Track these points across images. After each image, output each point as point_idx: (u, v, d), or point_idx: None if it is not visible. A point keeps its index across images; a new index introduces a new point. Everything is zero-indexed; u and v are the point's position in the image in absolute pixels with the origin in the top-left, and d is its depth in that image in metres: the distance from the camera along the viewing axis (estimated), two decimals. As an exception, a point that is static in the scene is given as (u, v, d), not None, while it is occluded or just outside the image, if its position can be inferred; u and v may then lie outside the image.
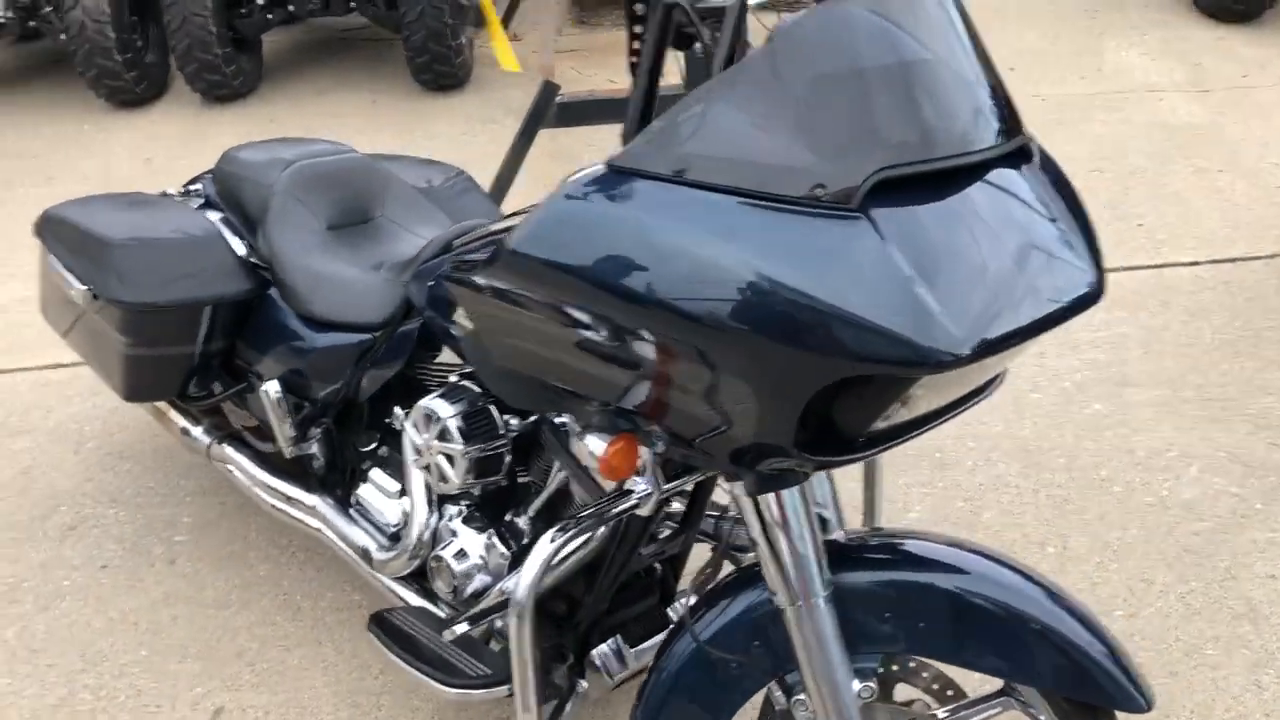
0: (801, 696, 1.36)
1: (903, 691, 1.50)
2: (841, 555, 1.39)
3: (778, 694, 1.43)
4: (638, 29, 1.44)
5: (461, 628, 1.54)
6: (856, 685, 1.33)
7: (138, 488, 2.64)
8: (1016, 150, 1.16)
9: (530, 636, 1.39)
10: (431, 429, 1.64)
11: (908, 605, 1.34)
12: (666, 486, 1.44)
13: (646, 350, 1.15)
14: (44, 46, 5.58)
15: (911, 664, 1.48)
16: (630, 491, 1.43)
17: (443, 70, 4.90)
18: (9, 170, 4.65)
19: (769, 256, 1.04)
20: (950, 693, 1.48)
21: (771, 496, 1.29)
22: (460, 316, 1.47)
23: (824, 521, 1.49)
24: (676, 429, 1.22)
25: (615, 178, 1.12)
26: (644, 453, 1.39)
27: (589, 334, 1.18)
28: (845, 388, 1.12)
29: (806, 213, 1.04)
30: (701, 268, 1.06)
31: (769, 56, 1.10)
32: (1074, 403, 2.67)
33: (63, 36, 4.86)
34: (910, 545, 1.41)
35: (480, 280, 1.28)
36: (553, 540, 1.40)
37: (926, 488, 2.44)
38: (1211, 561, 2.19)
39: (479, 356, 1.45)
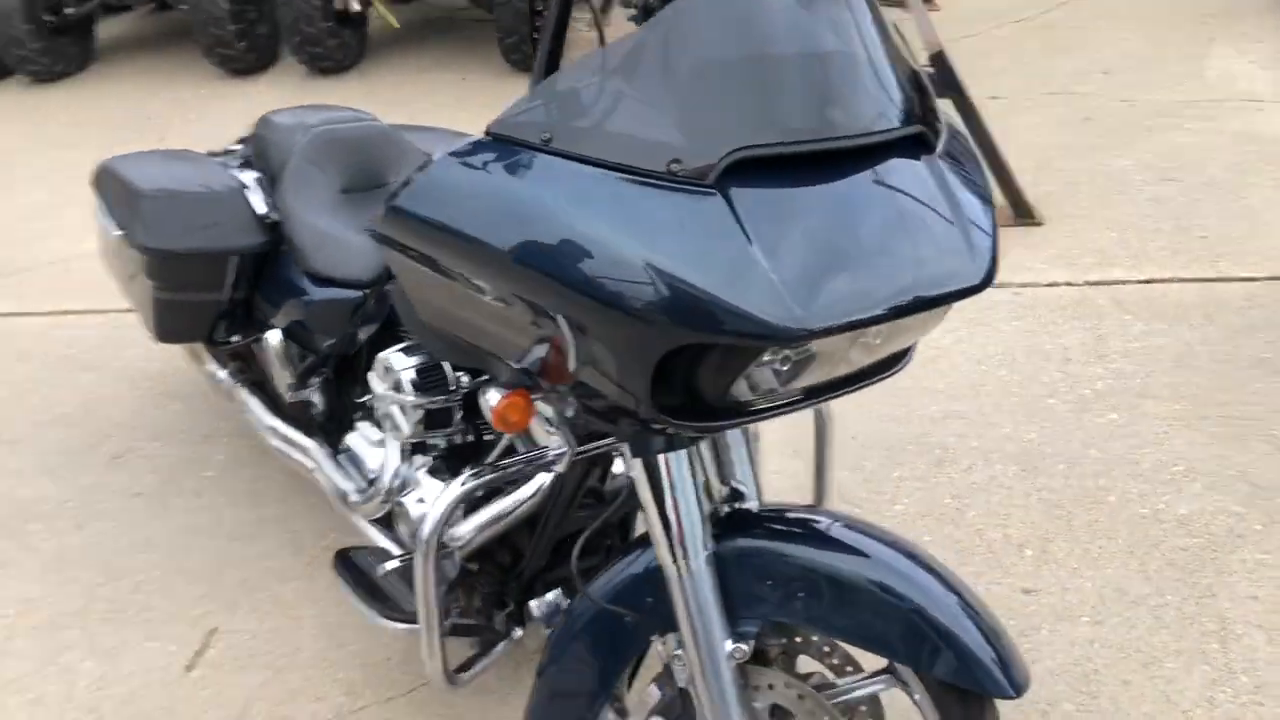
0: (679, 653, 1.42)
1: (806, 664, 1.55)
2: (741, 524, 1.44)
3: (661, 650, 1.49)
4: None
5: (391, 564, 1.65)
6: (730, 645, 1.38)
7: (181, 426, 2.84)
8: (916, 139, 1.19)
9: (433, 575, 1.48)
10: (388, 380, 1.75)
11: (790, 577, 1.38)
12: (581, 448, 1.51)
13: (523, 311, 1.22)
14: (172, 17, 5.94)
15: (815, 638, 1.52)
16: (545, 449, 1.51)
17: (530, 51, 5.05)
18: (131, 130, 4.99)
19: (619, 227, 1.10)
20: (849, 669, 1.52)
21: (660, 459, 1.35)
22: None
23: (738, 493, 1.54)
24: (560, 389, 1.29)
25: (492, 144, 1.20)
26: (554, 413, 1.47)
27: (474, 293, 1.27)
28: (703, 355, 1.18)
29: (663, 187, 1.09)
30: (557, 234, 1.12)
31: (646, 34, 1.16)
32: (1089, 411, 2.63)
33: (183, 7, 5.18)
34: (810, 522, 1.45)
35: (384, 233, 1.37)
36: (463, 484, 1.49)
37: (919, 482, 2.45)
38: (1194, 578, 2.14)
39: (405, 310, 1.55)
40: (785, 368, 1.21)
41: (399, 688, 2.03)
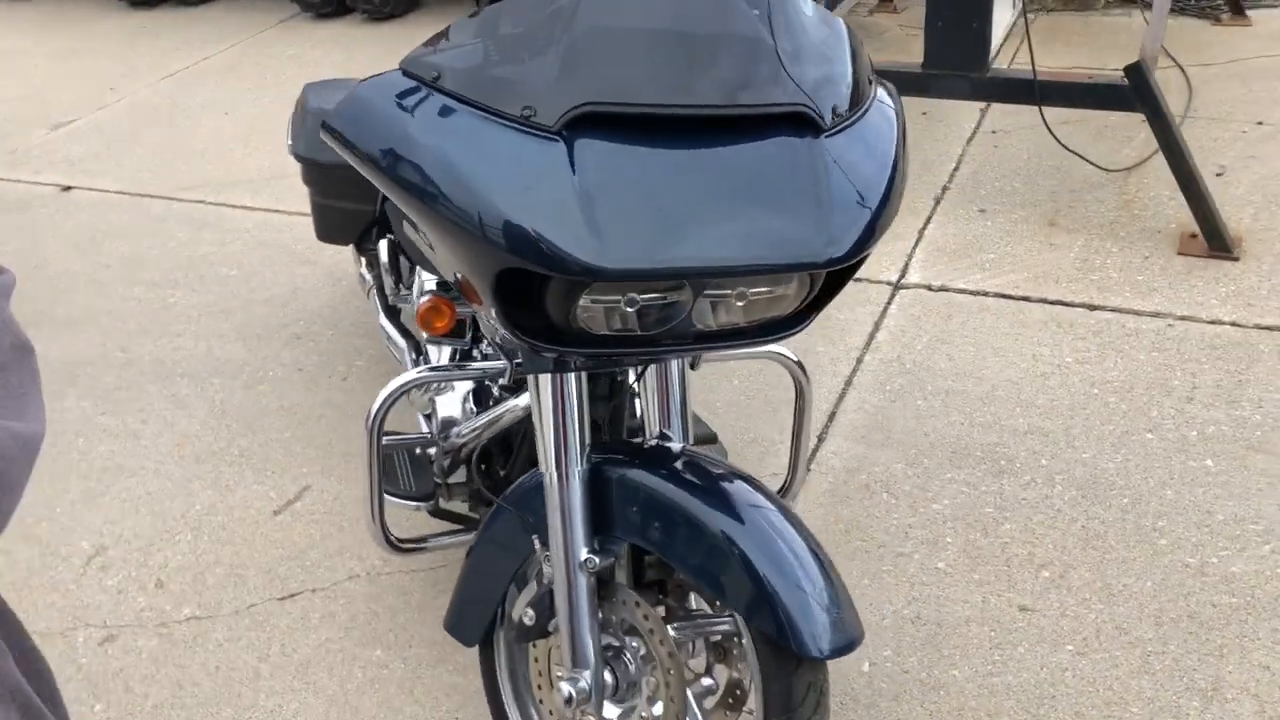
0: (548, 553, 1.59)
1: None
2: (635, 455, 1.59)
3: (538, 550, 1.67)
4: None
5: (391, 445, 1.93)
6: (585, 553, 1.53)
7: (354, 320, 3.28)
8: (798, 118, 1.30)
9: (375, 456, 1.73)
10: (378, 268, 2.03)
11: (653, 507, 1.51)
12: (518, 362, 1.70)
13: (423, 228, 1.43)
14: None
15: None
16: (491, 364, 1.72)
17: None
18: (293, 67, 5.60)
19: (472, 159, 1.27)
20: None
21: (545, 379, 1.53)
22: None
23: (665, 435, 1.68)
24: (474, 307, 1.49)
25: (400, 77, 1.41)
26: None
27: (395, 206, 1.49)
28: (546, 283, 1.34)
29: (515, 129, 1.27)
30: (425, 160, 1.31)
31: None
32: (1186, 452, 2.48)
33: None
34: (697, 467, 1.57)
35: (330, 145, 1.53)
36: (403, 380, 1.72)
37: (968, 487, 2.43)
38: (1209, 634, 2.03)
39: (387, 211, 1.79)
40: (632, 309, 1.35)
41: (422, 563, 2.33)
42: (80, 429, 2.89)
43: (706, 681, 1.62)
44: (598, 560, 1.54)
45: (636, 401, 1.82)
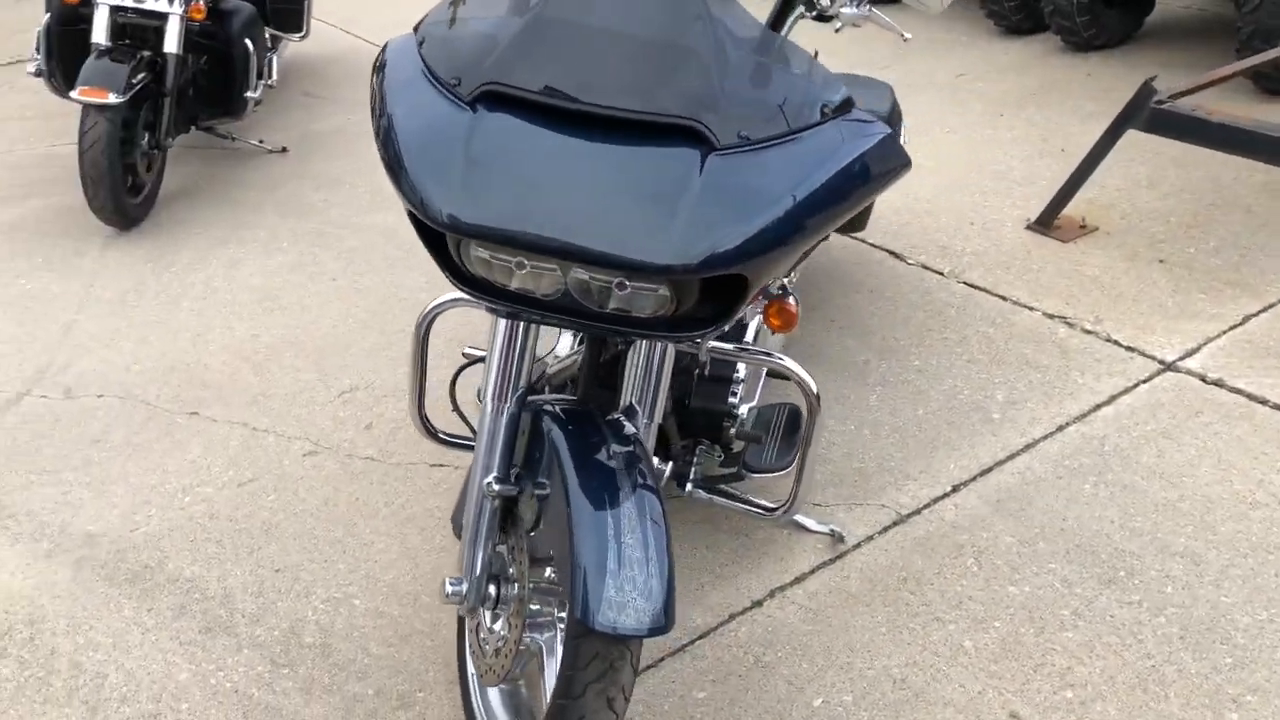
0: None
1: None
2: (571, 414, 1.74)
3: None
4: None
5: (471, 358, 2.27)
6: (489, 479, 1.73)
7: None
8: (691, 131, 1.42)
9: (419, 358, 2.08)
10: None
11: (547, 461, 1.67)
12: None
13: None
14: None
15: None
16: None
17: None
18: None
19: (411, 115, 1.49)
20: None
21: (497, 323, 1.75)
22: None
23: (632, 408, 1.84)
24: None
25: (410, 39, 1.64)
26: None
27: None
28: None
29: (443, 95, 1.49)
30: (388, 114, 1.51)
31: None
32: (1350, 639, 2.09)
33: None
34: (607, 438, 1.70)
35: None
36: (441, 299, 2.02)
37: (1062, 583, 2.26)
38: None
39: None
40: (522, 271, 1.51)
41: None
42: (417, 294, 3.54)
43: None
44: (497, 488, 1.74)
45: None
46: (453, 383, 2.20)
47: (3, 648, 2.21)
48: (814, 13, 1.93)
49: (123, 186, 3.85)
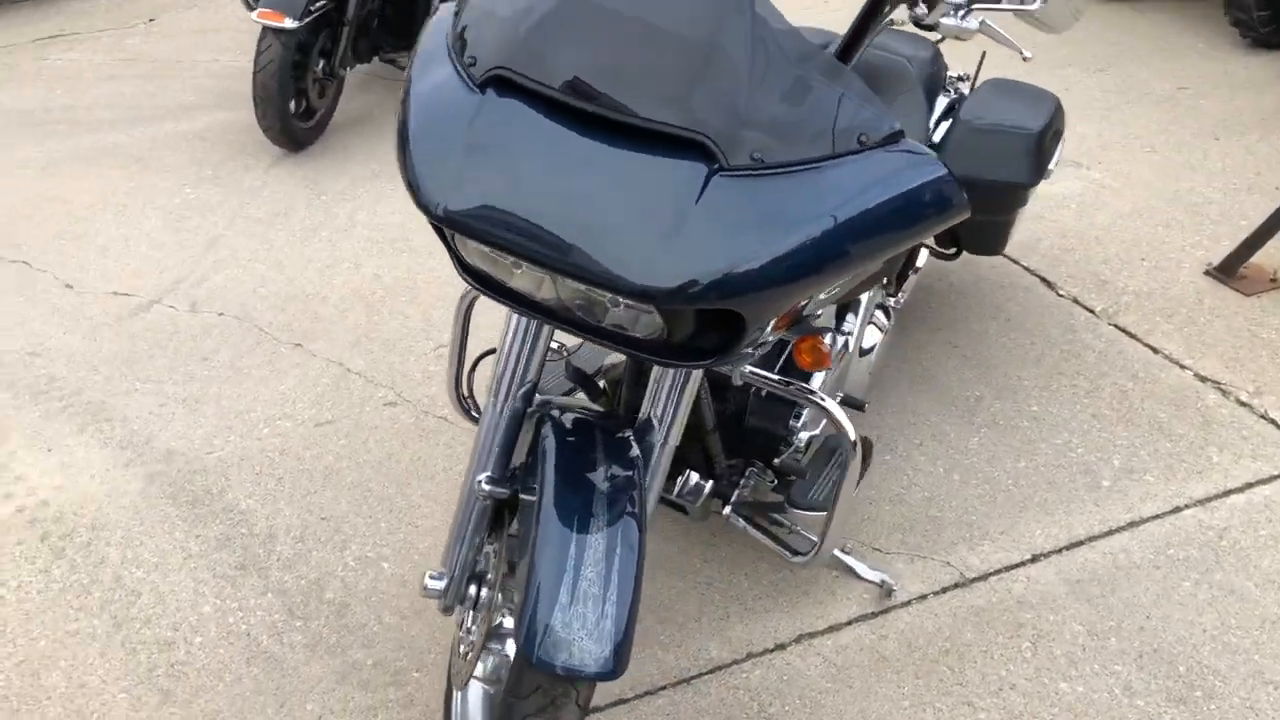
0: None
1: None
2: (579, 423, 1.67)
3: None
4: None
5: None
6: (480, 477, 1.65)
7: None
8: (700, 145, 1.29)
9: (460, 335, 2.03)
10: None
11: (537, 468, 1.61)
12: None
13: None
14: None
15: None
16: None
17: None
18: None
19: (427, 93, 1.40)
20: None
21: (509, 319, 1.67)
22: None
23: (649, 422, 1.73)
24: None
25: (448, 11, 1.54)
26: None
27: None
28: None
29: (458, 74, 1.39)
30: (408, 84, 1.44)
31: None
32: None
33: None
34: (600, 452, 1.61)
35: None
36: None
37: (1124, 690, 2.02)
38: None
39: None
40: (519, 272, 1.43)
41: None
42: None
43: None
44: (486, 488, 1.66)
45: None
46: (472, 369, 2.14)
47: (62, 548, 2.34)
48: (908, 19, 1.74)
49: (290, 110, 3.98)
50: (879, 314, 2.44)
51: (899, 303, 2.58)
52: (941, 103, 2.68)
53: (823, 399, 1.89)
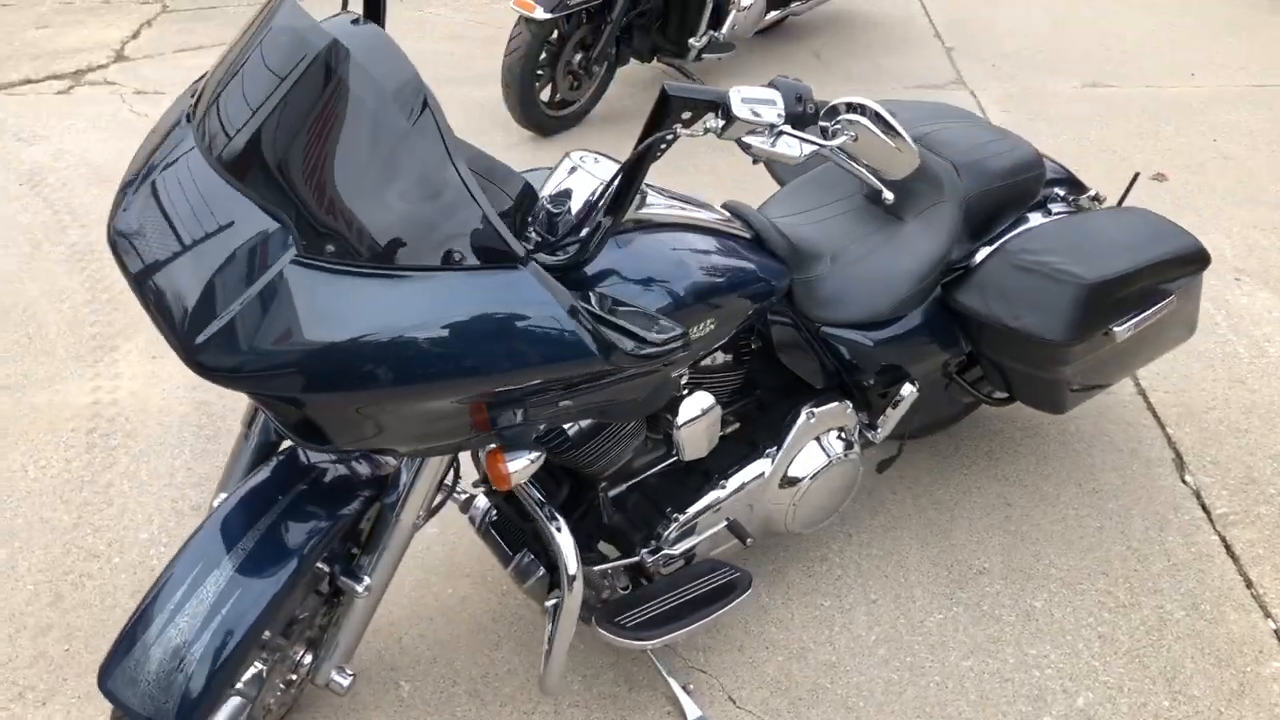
0: None
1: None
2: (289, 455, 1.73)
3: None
4: None
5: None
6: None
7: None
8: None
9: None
10: None
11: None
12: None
13: None
14: None
15: None
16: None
17: None
18: None
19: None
20: None
21: None
22: None
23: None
24: None
25: None
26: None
27: None
28: None
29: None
30: None
31: None
32: None
33: None
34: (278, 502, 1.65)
35: None
36: None
37: None
38: None
39: None
40: None
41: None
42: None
43: None
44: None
45: None
46: None
47: (93, 444, 2.71)
48: (710, 131, 1.56)
49: (538, 97, 4.14)
50: (832, 440, 2.11)
51: (876, 436, 2.22)
52: (1035, 219, 2.29)
53: (554, 518, 1.72)
